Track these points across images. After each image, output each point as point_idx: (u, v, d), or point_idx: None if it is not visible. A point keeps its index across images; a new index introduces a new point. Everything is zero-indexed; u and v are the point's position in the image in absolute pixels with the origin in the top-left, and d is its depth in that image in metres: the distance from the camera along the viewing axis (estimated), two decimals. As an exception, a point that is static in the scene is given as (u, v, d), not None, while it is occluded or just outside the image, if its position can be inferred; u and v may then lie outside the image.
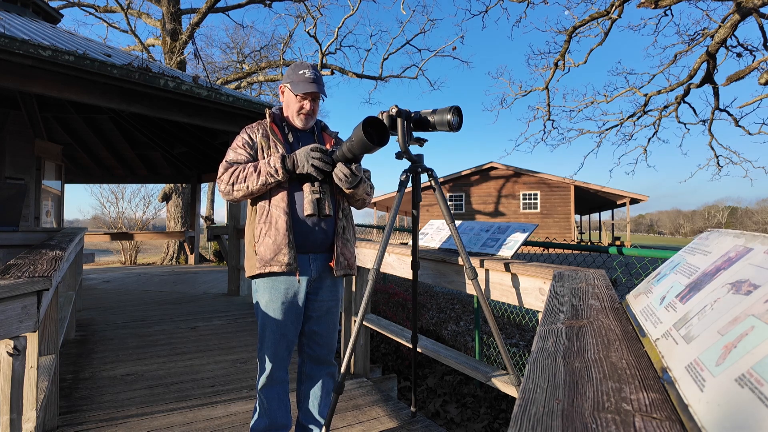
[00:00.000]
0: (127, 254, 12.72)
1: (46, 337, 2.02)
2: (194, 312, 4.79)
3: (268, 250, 1.66)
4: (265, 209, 1.69)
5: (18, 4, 6.68)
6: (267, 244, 1.67)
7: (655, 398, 0.53)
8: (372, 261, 2.61)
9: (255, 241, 1.70)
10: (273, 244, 1.66)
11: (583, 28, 10.14)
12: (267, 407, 1.76)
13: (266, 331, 1.73)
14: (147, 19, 13.10)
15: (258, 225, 1.70)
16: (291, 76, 1.76)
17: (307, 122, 1.80)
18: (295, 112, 1.78)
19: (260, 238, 1.68)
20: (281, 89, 1.83)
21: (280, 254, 1.66)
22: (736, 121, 10.16)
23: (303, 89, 1.71)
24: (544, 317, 0.90)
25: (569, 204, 20.19)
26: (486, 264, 1.85)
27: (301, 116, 1.79)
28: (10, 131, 6.30)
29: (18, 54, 3.44)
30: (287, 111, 1.82)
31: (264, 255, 1.67)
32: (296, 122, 1.80)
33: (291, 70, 1.79)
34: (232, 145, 1.77)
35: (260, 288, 1.75)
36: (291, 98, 1.77)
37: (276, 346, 1.73)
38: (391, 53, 16.57)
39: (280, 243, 1.66)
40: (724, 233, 0.91)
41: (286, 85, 1.78)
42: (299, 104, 1.76)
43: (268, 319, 1.73)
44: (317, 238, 1.75)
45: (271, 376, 1.75)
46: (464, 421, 3.21)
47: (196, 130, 7.26)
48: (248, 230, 1.76)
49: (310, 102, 1.76)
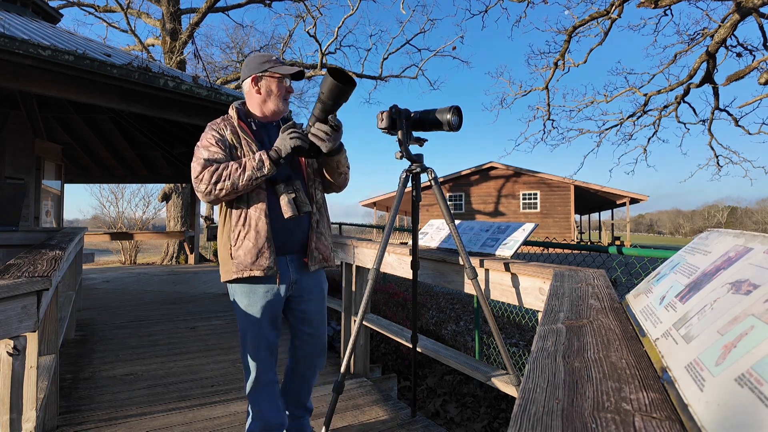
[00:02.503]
0: (127, 254, 12.73)
1: (46, 336, 2.02)
2: (194, 312, 4.79)
3: (248, 254, 1.60)
4: (242, 212, 1.62)
5: (18, 3, 6.68)
6: (246, 248, 1.60)
7: (655, 398, 0.53)
8: (372, 261, 2.61)
9: (231, 245, 1.62)
10: (254, 247, 1.60)
11: (583, 27, 10.13)
12: (260, 410, 1.74)
13: (247, 336, 1.69)
14: (147, 19, 13.09)
15: (235, 228, 1.62)
16: (264, 63, 1.68)
17: (287, 105, 1.75)
18: (281, 97, 1.71)
19: (238, 241, 1.61)
20: (253, 80, 1.68)
21: (262, 258, 1.60)
22: (735, 120, 10.16)
23: (290, 71, 1.66)
24: (543, 317, 0.90)
25: (569, 204, 20.19)
26: (486, 264, 1.85)
27: (287, 98, 1.73)
28: (9, 131, 6.29)
29: (18, 54, 3.44)
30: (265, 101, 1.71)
31: (243, 259, 1.60)
32: (280, 106, 1.72)
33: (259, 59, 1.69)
34: (202, 143, 1.63)
35: (237, 292, 1.68)
36: (273, 84, 1.68)
37: (257, 350, 1.70)
38: (391, 53, 16.57)
39: (261, 246, 1.60)
40: (724, 233, 0.91)
41: (263, 73, 1.67)
42: (285, 87, 1.71)
43: (248, 323, 1.68)
44: (296, 239, 1.72)
45: (258, 379, 1.72)
46: (464, 421, 3.21)
47: (196, 130, 7.25)
48: (222, 234, 1.68)
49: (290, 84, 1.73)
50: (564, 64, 10.73)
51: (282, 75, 1.68)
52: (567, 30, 10.29)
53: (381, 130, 1.86)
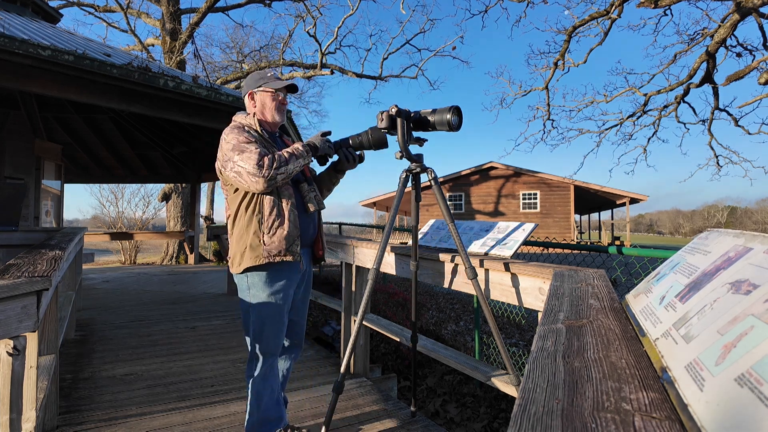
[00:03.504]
0: (127, 254, 12.72)
1: (46, 336, 2.02)
2: (194, 312, 4.79)
3: (282, 241, 1.73)
4: (274, 203, 1.74)
5: (17, 3, 6.67)
6: (280, 236, 1.73)
7: (655, 398, 0.53)
8: (372, 261, 2.61)
9: (264, 232, 1.72)
10: (288, 235, 1.74)
11: (582, 27, 10.13)
12: (260, 402, 1.79)
13: (266, 324, 1.77)
14: (147, 19, 13.09)
15: (269, 217, 1.73)
16: (259, 80, 1.87)
17: (284, 116, 1.93)
18: (275, 109, 1.87)
19: (272, 230, 1.73)
20: (250, 96, 1.88)
21: (294, 245, 1.76)
22: (735, 120, 10.16)
23: (283, 84, 1.86)
24: (543, 317, 0.90)
25: (569, 204, 20.19)
26: (486, 264, 1.85)
27: (281, 110, 1.89)
28: (9, 131, 6.29)
29: (18, 54, 3.43)
30: (262, 113, 1.88)
31: (278, 245, 1.73)
32: (276, 117, 1.88)
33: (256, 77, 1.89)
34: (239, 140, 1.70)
35: (259, 281, 1.76)
36: (267, 98, 1.86)
37: (277, 337, 1.80)
38: (390, 53, 16.55)
39: (294, 235, 1.76)
40: (724, 233, 0.91)
41: (258, 89, 1.86)
42: (279, 100, 1.87)
43: (270, 310, 1.76)
44: (310, 233, 1.91)
45: (273, 367, 1.82)
46: (464, 421, 3.21)
47: (196, 130, 7.26)
48: (249, 222, 1.74)
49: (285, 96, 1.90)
50: (564, 64, 10.73)
51: (274, 90, 1.85)
52: (567, 30, 10.29)
53: (381, 130, 1.87)
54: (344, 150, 1.95)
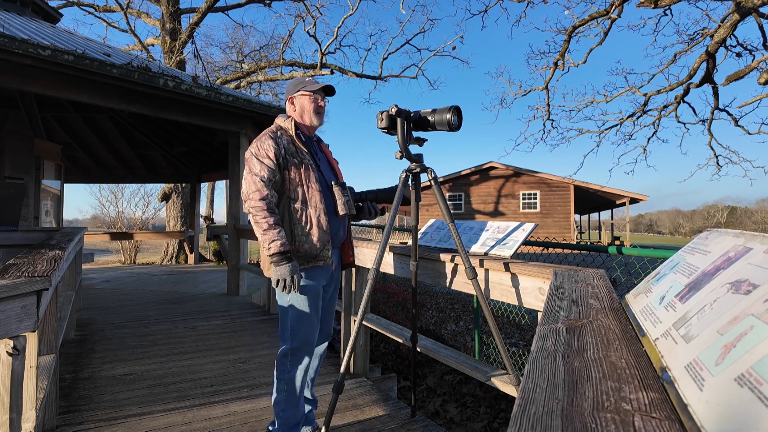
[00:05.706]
0: (127, 254, 12.71)
1: (46, 336, 2.02)
2: (194, 312, 4.79)
3: (313, 247, 1.79)
4: (303, 211, 1.79)
5: (17, 3, 6.67)
6: (311, 243, 1.79)
7: (655, 398, 0.53)
8: (372, 261, 2.61)
9: (296, 242, 1.79)
10: (319, 240, 1.80)
11: (582, 27, 10.13)
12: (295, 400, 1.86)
13: (303, 323, 1.84)
14: (146, 19, 13.08)
15: (297, 225, 1.79)
16: (298, 85, 1.92)
17: (322, 119, 1.96)
18: (313, 112, 1.91)
19: (303, 237, 1.79)
20: (290, 101, 1.93)
21: (325, 250, 1.83)
22: (735, 120, 10.16)
23: (319, 86, 1.90)
24: (543, 317, 0.90)
25: (569, 204, 20.19)
26: (485, 264, 1.85)
27: (320, 112, 1.93)
28: (9, 131, 6.29)
29: (17, 53, 3.43)
30: (301, 117, 1.92)
31: (309, 251, 1.79)
32: (314, 121, 1.92)
33: (295, 82, 1.95)
34: (259, 153, 1.75)
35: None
36: (306, 101, 1.90)
37: (314, 335, 1.88)
38: (390, 53, 16.52)
39: (324, 240, 1.82)
40: (724, 233, 0.91)
41: (297, 93, 1.91)
42: (317, 103, 1.91)
43: (307, 309, 1.84)
44: (340, 235, 1.98)
45: (307, 365, 1.88)
46: (464, 421, 3.21)
47: (195, 130, 7.25)
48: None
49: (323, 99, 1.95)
50: (564, 64, 10.73)
51: (312, 92, 1.90)
52: (567, 30, 10.29)
53: (381, 130, 1.87)
54: (368, 204, 2.05)
